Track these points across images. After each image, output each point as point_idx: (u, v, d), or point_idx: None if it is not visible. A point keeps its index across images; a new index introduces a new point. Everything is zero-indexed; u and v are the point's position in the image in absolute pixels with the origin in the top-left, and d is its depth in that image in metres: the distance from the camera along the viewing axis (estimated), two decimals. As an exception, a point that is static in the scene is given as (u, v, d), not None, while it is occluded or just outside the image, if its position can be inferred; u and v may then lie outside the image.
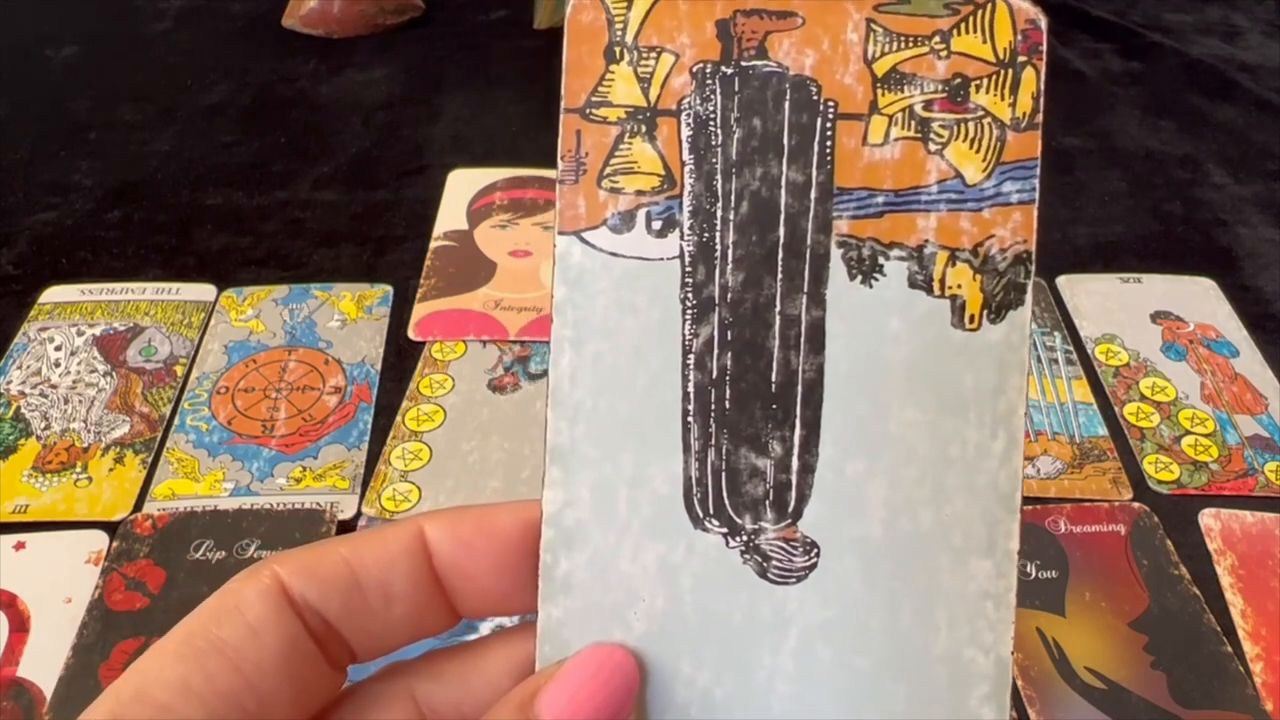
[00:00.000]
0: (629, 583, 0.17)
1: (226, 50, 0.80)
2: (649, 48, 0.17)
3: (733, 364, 0.17)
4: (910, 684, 0.17)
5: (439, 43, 0.81)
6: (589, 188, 0.17)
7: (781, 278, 0.17)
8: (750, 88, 0.16)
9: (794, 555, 0.17)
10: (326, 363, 0.52)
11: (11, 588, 0.41)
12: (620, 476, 0.17)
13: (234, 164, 0.67)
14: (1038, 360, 0.53)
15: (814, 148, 0.16)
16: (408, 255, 0.59)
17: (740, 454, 0.17)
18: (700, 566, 0.17)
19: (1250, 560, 0.43)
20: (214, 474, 0.46)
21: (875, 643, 0.17)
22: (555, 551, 0.17)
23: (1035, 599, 0.42)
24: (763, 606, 0.17)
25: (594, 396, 0.17)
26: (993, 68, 0.16)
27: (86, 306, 0.55)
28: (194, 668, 0.16)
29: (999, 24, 0.16)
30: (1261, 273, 0.59)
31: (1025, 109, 0.16)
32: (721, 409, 0.17)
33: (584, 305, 0.17)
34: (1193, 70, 0.77)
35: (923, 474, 0.17)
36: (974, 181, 0.16)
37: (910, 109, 0.16)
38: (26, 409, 0.49)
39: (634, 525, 0.17)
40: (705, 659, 0.17)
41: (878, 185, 0.16)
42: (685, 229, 0.17)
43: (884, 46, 0.16)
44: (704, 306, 0.17)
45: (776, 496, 0.17)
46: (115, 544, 0.43)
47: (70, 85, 0.75)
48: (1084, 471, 0.47)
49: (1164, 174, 0.67)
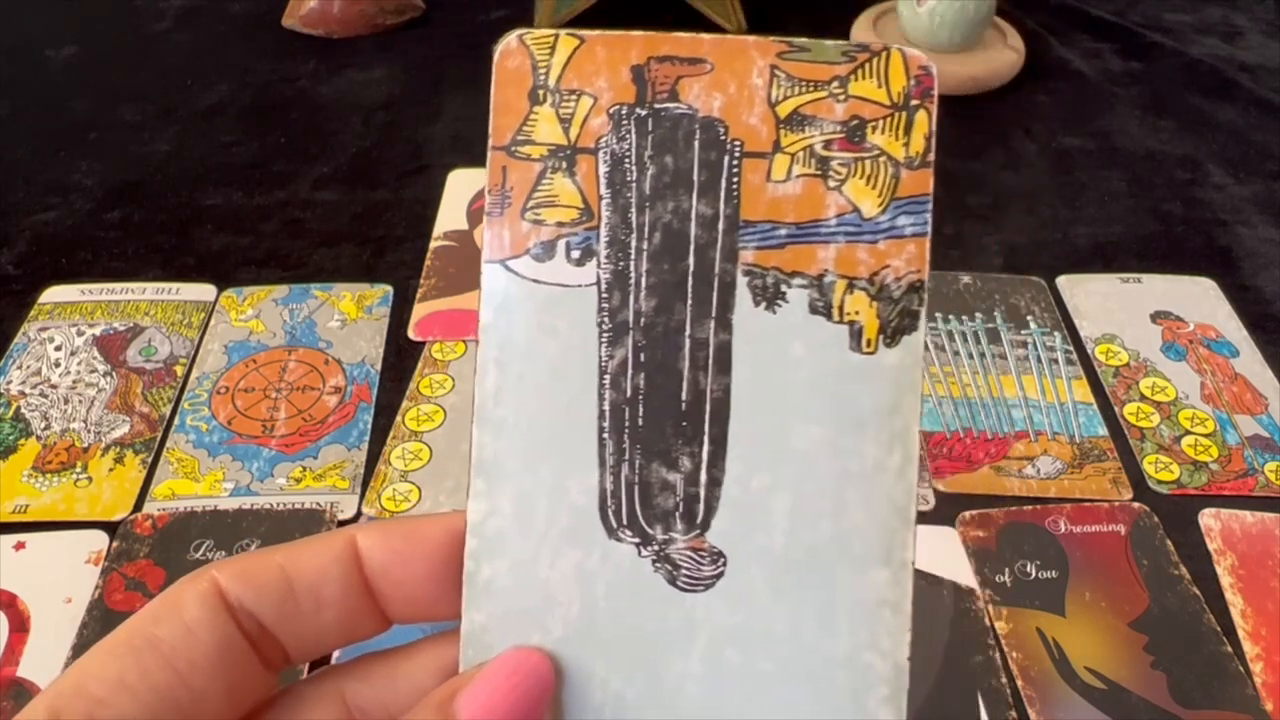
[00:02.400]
0: (547, 589, 0.18)
1: (226, 50, 0.80)
2: (570, 91, 0.18)
3: (645, 384, 0.18)
4: (813, 686, 0.18)
5: (439, 43, 0.81)
6: (513, 219, 0.18)
7: (691, 304, 0.18)
8: (662, 128, 0.18)
9: (702, 564, 0.18)
10: (326, 363, 0.52)
11: (11, 588, 0.41)
12: (540, 489, 0.18)
13: (234, 164, 0.67)
14: (1038, 360, 0.53)
15: (721, 183, 0.18)
16: (408, 255, 0.59)
17: (652, 469, 0.18)
18: (614, 574, 0.18)
19: (1250, 560, 0.43)
20: (214, 474, 0.46)
21: (779, 647, 0.18)
22: (478, 559, 0.18)
23: (1035, 599, 0.42)
24: (673, 613, 0.18)
25: (516, 414, 0.18)
26: (887, 110, 0.18)
27: (86, 306, 0.55)
28: (130, 664, 0.17)
29: (893, 70, 0.18)
30: (1261, 273, 0.59)
31: (918, 149, 0.18)
32: (635, 426, 0.18)
33: (508, 328, 0.18)
34: (1193, 70, 0.77)
35: (823, 488, 0.18)
36: (870, 216, 0.18)
37: (811, 148, 0.18)
38: (26, 409, 0.49)
39: (552, 535, 0.18)
40: (618, 662, 0.18)
41: (781, 218, 0.18)
42: (602, 258, 0.18)
43: (786, 91, 0.18)
44: (619, 330, 0.18)
45: (686, 509, 0.18)
46: (115, 544, 0.43)
47: (70, 85, 0.75)
48: (1084, 471, 0.47)
49: (1164, 174, 0.67)
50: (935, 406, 0.50)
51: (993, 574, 0.43)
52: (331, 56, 0.79)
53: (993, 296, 0.56)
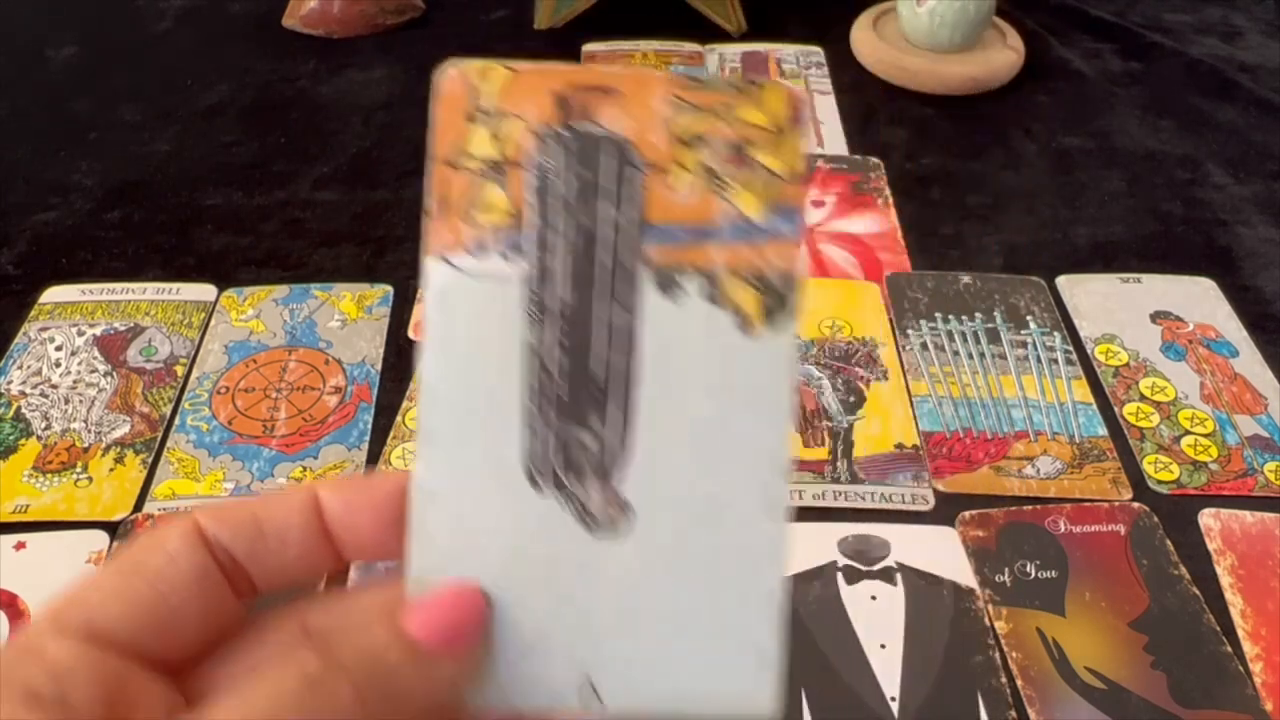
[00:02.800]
0: (479, 536, 0.21)
1: (226, 50, 0.80)
2: (502, 113, 0.21)
3: (566, 361, 0.21)
4: (710, 619, 0.22)
5: (439, 43, 0.81)
6: (453, 221, 0.21)
7: (603, 293, 0.21)
8: (581, 145, 0.21)
9: (614, 514, 0.21)
10: (327, 363, 0.52)
11: (12, 588, 0.41)
12: (474, 451, 0.21)
13: (234, 164, 0.67)
14: (1038, 360, 0.53)
15: (630, 193, 0.21)
16: (408, 255, 0.59)
17: (571, 433, 0.21)
18: (538, 524, 0.21)
19: (1250, 560, 0.43)
20: (214, 474, 0.46)
21: (680, 586, 0.22)
22: (421, 510, 0.21)
23: (1035, 599, 0.42)
24: (588, 556, 0.21)
25: (453, 389, 0.21)
26: (768, 133, 0.21)
27: (87, 306, 0.55)
28: (120, 583, 0.20)
29: (773, 100, 0.21)
30: (1261, 273, 0.59)
31: (793, 164, 0.21)
32: (557, 397, 0.21)
33: (447, 315, 0.21)
34: (1193, 70, 0.77)
35: (716, 449, 0.21)
36: (753, 220, 0.21)
37: (704, 163, 0.21)
38: (27, 409, 0.49)
39: (484, 490, 0.21)
40: (541, 599, 0.21)
41: (679, 222, 0.21)
42: (529, 255, 0.21)
43: (685, 115, 0.21)
44: (543, 315, 0.21)
45: (599, 466, 0.21)
46: (116, 544, 0.43)
47: (70, 85, 0.75)
48: (1084, 471, 0.47)
49: (1164, 174, 0.67)
50: (935, 406, 0.50)
51: (992, 574, 0.43)
52: (331, 56, 0.79)
53: (993, 296, 0.56)
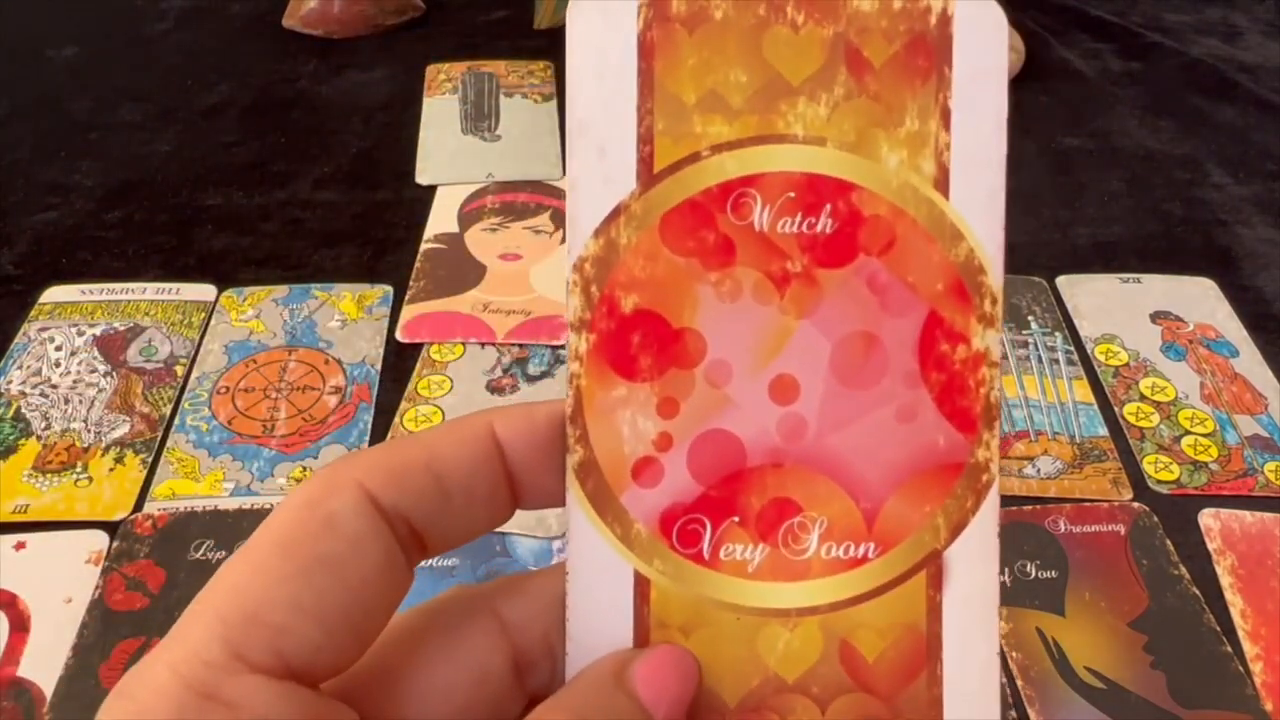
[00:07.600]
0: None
1: (226, 50, 0.80)
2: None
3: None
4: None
5: (439, 43, 0.81)
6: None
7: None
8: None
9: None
10: (326, 363, 0.52)
11: (12, 588, 0.41)
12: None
13: (234, 164, 0.67)
14: (1038, 360, 0.53)
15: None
16: (408, 256, 0.59)
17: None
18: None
19: (1250, 560, 0.43)
20: (214, 474, 0.46)
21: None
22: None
23: (1035, 599, 0.42)
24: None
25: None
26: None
27: (87, 306, 0.55)
28: (302, 586, 0.15)
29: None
30: (1261, 273, 0.59)
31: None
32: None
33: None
34: (1193, 70, 0.77)
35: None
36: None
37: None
38: (27, 409, 0.49)
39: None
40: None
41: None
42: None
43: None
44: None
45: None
46: (115, 544, 0.43)
47: (70, 85, 0.75)
48: (1084, 471, 0.47)
49: (1164, 174, 0.67)
50: (935, 406, 0.50)
51: (992, 574, 0.43)
52: (331, 56, 0.79)
53: (992, 296, 0.56)
